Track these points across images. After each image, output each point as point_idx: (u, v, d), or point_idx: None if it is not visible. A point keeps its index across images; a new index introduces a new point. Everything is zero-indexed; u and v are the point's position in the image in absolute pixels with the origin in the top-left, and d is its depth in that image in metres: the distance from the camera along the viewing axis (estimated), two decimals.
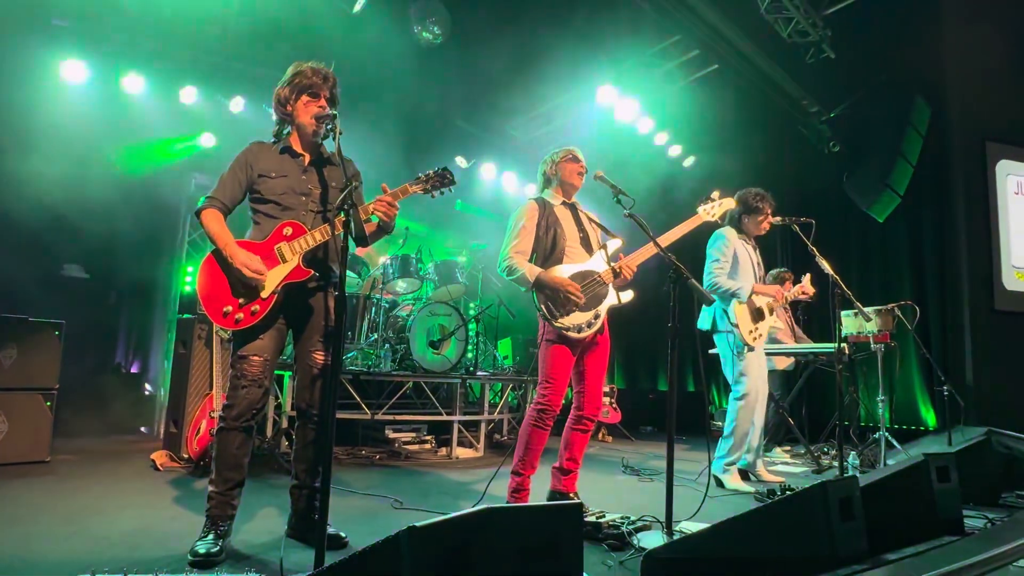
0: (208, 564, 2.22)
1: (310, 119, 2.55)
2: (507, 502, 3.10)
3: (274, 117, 2.69)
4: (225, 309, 2.41)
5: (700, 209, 3.29)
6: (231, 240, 2.44)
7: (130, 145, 6.02)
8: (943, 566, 1.51)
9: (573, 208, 3.26)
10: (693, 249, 4.25)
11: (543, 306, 2.99)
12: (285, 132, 2.65)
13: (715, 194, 3.32)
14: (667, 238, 3.08)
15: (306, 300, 2.55)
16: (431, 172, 2.64)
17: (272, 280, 2.43)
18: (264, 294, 2.41)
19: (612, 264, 3.07)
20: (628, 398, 7.75)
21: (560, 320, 2.95)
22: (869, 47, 6.75)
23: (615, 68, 7.03)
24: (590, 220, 3.27)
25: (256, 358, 2.43)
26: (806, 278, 4.38)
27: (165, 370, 5.99)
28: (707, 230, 4.45)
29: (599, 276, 3.06)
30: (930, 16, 6.54)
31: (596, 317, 3.02)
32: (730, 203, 3.41)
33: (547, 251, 3.09)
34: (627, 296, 3.12)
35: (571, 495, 3.19)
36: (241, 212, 2.64)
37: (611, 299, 3.09)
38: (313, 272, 2.49)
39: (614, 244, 3.19)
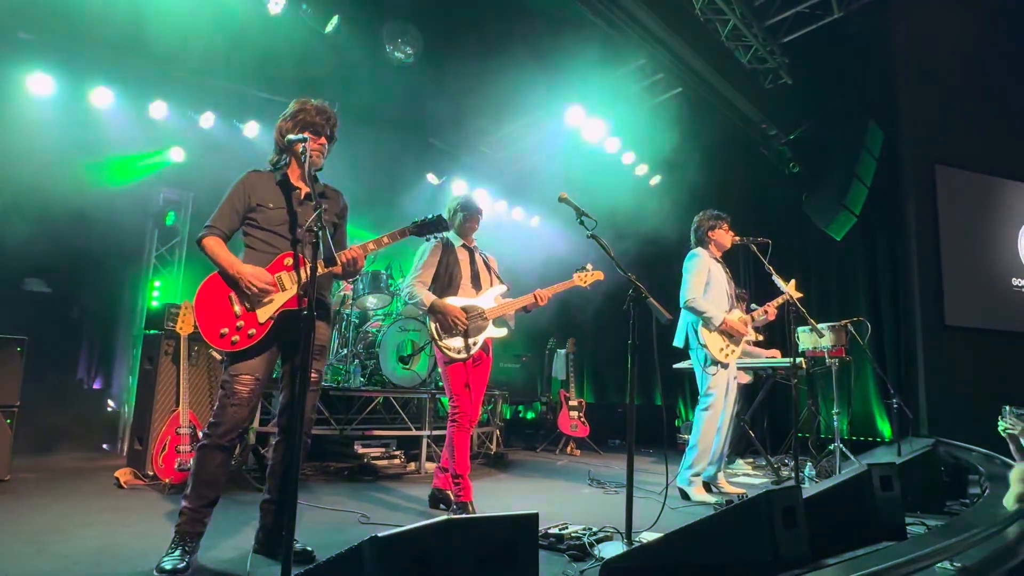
0: None
1: (315, 154, 2.64)
2: (455, 500, 3.50)
3: (255, 131, 2.75)
4: (222, 331, 2.46)
5: (575, 275, 3.78)
6: (236, 261, 2.51)
7: (97, 159, 5.98)
8: (873, 567, 1.63)
9: (471, 252, 3.83)
10: (661, 265, 4.38)
11: (432, 327, 3.55)
12: (283, 163, 2.72)
13: (588, 266, 3.83)
14: (546, 292, 3.67)
15: (299, 325, 2.60)
16: (428, 218, 2.84)
17: (271, 307, 2.50)
18: (261, 319, 2.48)
19: (535, 292, 3.65)
20: (596, 412, 7.86)
21: (443, 341, 3.51)
22: (824, 73, 7.06)
23: (582, 89, 7.22)
24: (485, 263, 3.86)
25: (247, 377, 2.48)
26: (791, 284, 4.43)
27: (129, 386, 5.92)
28: (678, 251, 4.65)
29: (483, 311, 3.63)
30: (882, 44, 6.89)
31: (473, 344, 3.57)
32: (599, 275, 3.82)
33: (444, 286, 3.66)
34: (501, 332, 3.70)
35: (448, 492, 3.65)
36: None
37: (489, 332, 3.65)
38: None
39: (501, 288, 3.78)
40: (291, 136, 2.58)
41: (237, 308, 2.49)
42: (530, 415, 9.46)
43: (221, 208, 2.61)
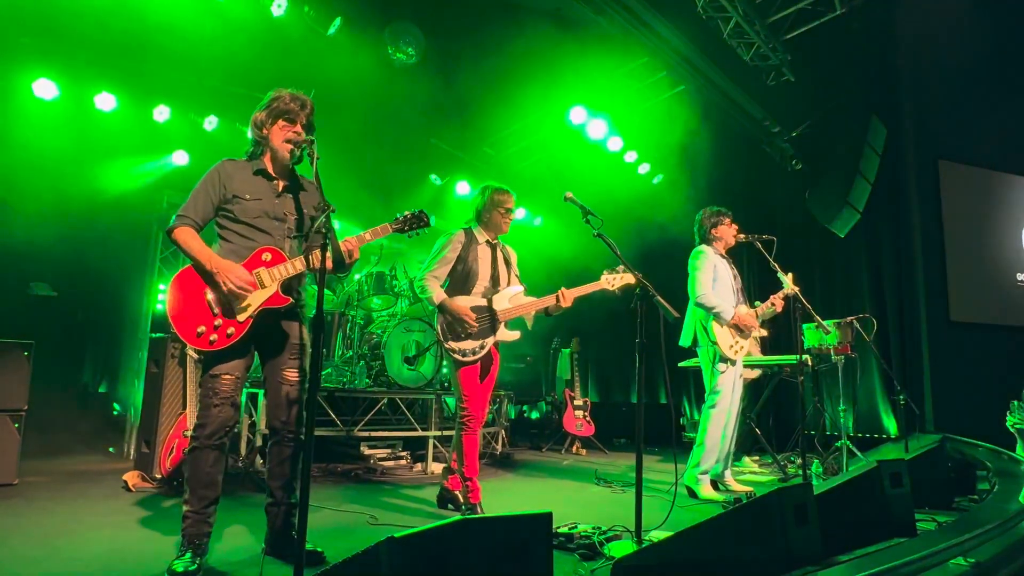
0: None
1: (283, 143, 2.58)
2: (464, 503, 3.46)
3: (250, 135, 2.72)
4: (199, 329, 2.40)
5: (603, 277, 3.56)
6: (213, 255, 2.45)
7: (102, 163, 5.99)
8: (887, 564, 1.62)
9: (494, 249, 3.66)
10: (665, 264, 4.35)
11: (440, 327, 3.45)
12: (259, 154, 2.66)
13: (619, 268, 3.57)
14: (572, 293, 3.52)
15: (276, 322, 2.59)
16: (408, 214, 2.74)
17: (251, 304, 2.45)
18: (241, 317, 2.44)
19: (560, 291, 3.49)
20: (601, 411, 7.85)
21: (450, 343, 3.41)
22: (826, 70, 7.05)
23: (586, 88, 7.22)
24: (506, 262, 3.69)
25: (228, 376, 2.46)
26: (788, 277, 4.39)
27: (136, 390, 5.92)
28: (682, 249, 4.66)
29: (495, 313, 3.49)
30: (884, 40, 6.87)
31: (482, 347, 3.44)
32: (630, 278, 3.50)
33: (459, 283, 3.53)
34: (514, 336, 3.56)
35: (456, 493, 3.58)
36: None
37: (500, 335, 3.51)
38: (291, 300, 2.54)
39: (518, 289, 3.62)
40: (296, 140, 2.57)
41: (215, 307, 2.42)
42: (535, 415, 9.45)
43: (194, 197, 2.52)
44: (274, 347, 2.61)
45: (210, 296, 2.43)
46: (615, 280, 3.51)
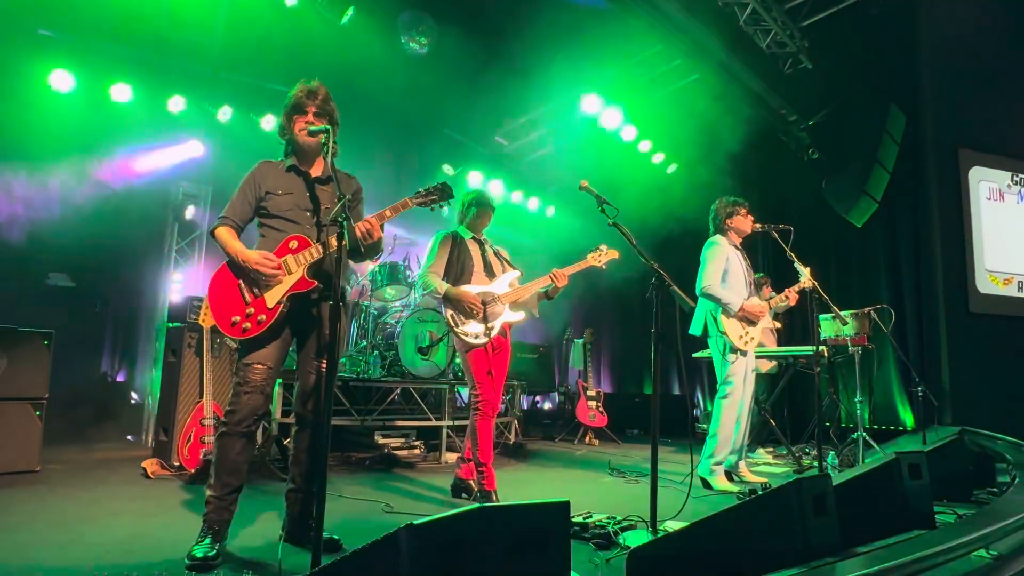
0: (205, 568, 2.26)
1: (300, 132, 2.62)
2: (479, 488, 3.52)
3: (281, 137, 2.78)
4: (233, 319, 2.49)
5: (588, 256, 3.77)
6: (243, 248, 2.54)
7: (118, 154, 6.03)
8: (908, 556, 1.61)
9: (481, 244, 3.87)
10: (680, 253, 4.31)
11: (448, 315, 3.55)
12: (290, 151, 2.75)
13: (602, 246, 3.79)
14: (563, 271, 3.64)
15: (310, 310, 2.63)
16: (431, 187, 2.76)
17: (278, 291, 2.51)
18: (270, 304, 2.50)
19: (552, 272, 3.63)
20: (615, 402, 7.85)
21: (459, 327, 3.51)
22: (845, 57, 6.94)
23: (599, 77, 7.16)
24: (496, 254, 3.90)
25: (259, 366, 2.51)
26: (806, 270, 4.35)
27: (153, 379, 5.99)
28: (696, 239, 4.62)
29: (497, 297, 3.64)
30: (904, 27, 6.74)
31: (490, 329, 3.54)
32: (614, 253, 3.78)
33: (457, 276, 3.69)
34: (518, 316, 3.71)
35: (470, 482, 3.62)
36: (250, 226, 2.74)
37: (505, 316, 3.65)
38: (317, 283, 2.57)
39: (514, 274, 3.81)
40: (313, 128, 2.58)
41: (247, 296, 2.52)
42: (548, 405, 9.47)
43: (233, 199, 2.65)
44: (308, 335, 2.66)
45: (242, 287, 2.53)
46: (600, 256, 3.74)
